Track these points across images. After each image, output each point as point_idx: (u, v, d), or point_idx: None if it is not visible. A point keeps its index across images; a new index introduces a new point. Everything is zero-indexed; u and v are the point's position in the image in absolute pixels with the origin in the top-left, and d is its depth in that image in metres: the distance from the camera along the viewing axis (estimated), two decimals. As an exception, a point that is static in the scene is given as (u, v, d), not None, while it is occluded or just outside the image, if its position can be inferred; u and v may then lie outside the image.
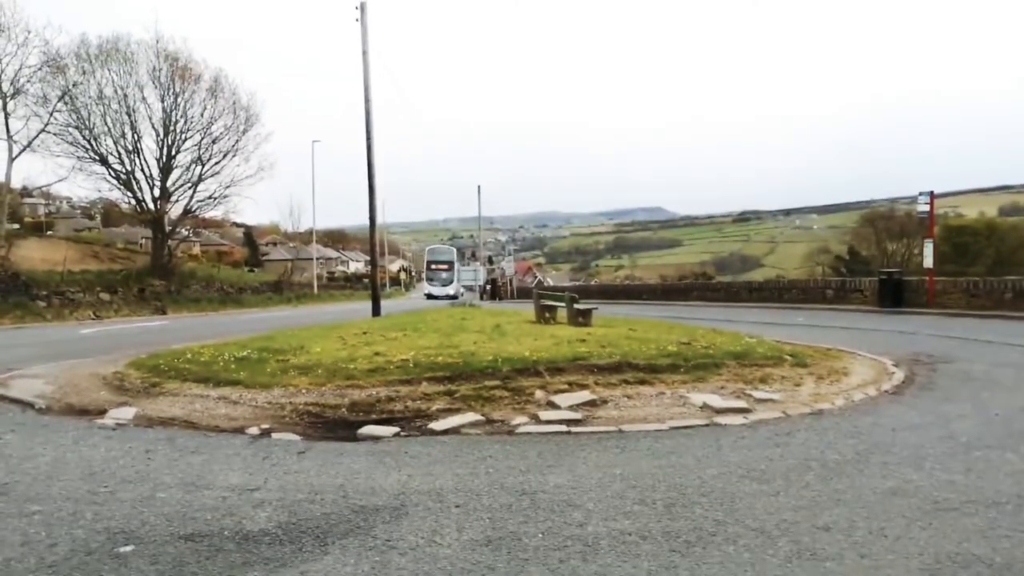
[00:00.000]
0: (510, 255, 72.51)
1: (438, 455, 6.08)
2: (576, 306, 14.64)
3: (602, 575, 3.62)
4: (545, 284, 68.23)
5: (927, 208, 21.74)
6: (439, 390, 8.09)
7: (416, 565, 3.80)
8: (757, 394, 8.31)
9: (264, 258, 78.95)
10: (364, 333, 12.32)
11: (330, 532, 4.29)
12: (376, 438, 6.77)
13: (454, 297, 47.77)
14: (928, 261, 21.68)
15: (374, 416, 7.48)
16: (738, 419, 7.31)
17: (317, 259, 70.70)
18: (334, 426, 7.29)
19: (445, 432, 6.93)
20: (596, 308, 16.11)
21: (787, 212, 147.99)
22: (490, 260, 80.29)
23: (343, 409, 7.72)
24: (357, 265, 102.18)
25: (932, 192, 21.78)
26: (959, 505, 4.57)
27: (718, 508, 4.60)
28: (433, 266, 58.85)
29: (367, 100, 22.16)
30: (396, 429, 7.02)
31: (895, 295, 21.61)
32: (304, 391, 8.29)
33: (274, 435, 6.97)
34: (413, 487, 5.16)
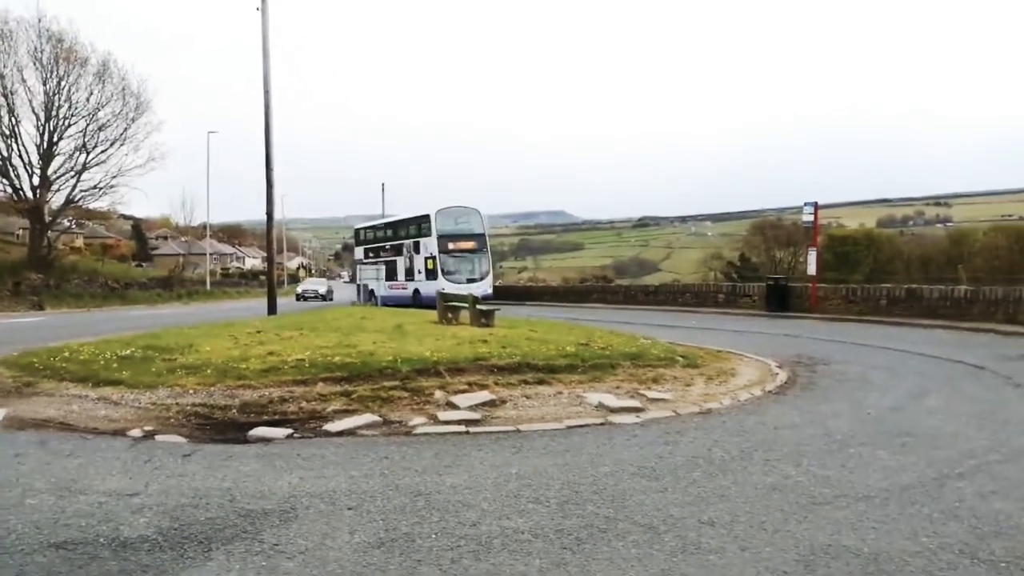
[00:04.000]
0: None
1: (332, 457, 5.96)
2: (479, 307, 14.67)
3: (494, 574, 3.64)
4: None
5: (811, 218, 22.95)
6: (335, 391, 7.93)
7: (305, 569, 3.71)
8: (650, 394, 8.55)
9: (154, 252, 75.42)
10: (258, 332, 11.94)
11: (214, 538, 4.13)
12: (267, 440, 6.57)
13: (490, 297, 28.46)
14: (811, 268, 22.90)
15: (266, 417, 7.26)
16: (631, 418, 7.50)
17: (211, 254, 68.16)
18: (223, 428, 7.03)
19: (340, 433, 6.80)
20: (499, 309, 16.20)
21: (683, 219, 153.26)
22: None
23: (233, 410, 7.46)
24: (254, 262, 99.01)
25: (816, 203, 23.00)
26: (833, 499, 4.84)
27: (609, 505, 4.71)
28: (451, 245, 31.60)
29: (266, 92, 21.52)
30: (289, 431, 6.84)
31: (781, 300, 22.73)
32: (192, 391, 7.96)
33: (158, 437, 6.67)
34: (305, 490, 5.03)
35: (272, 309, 21.85)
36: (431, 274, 31.19)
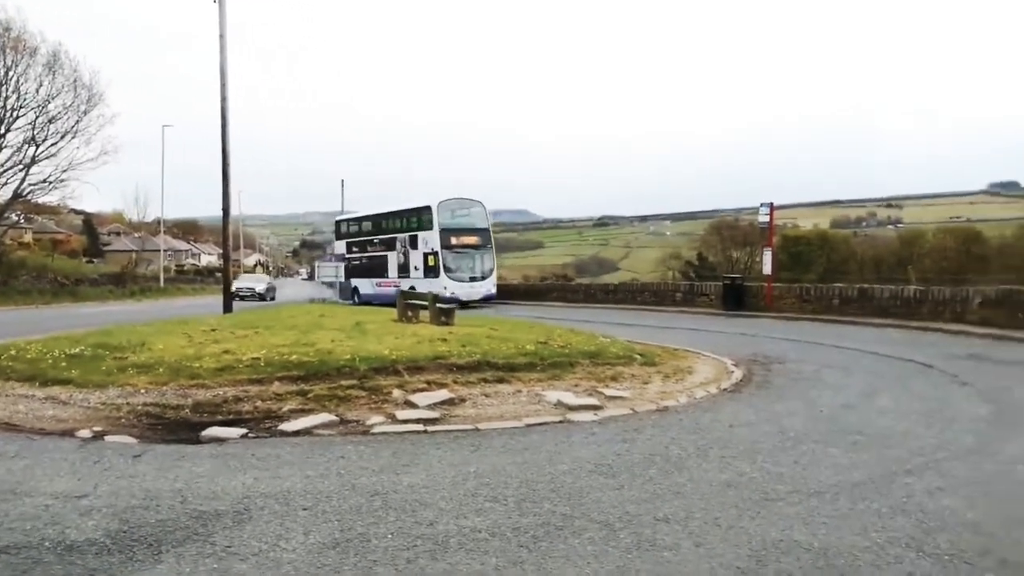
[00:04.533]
0: None
1: (288, 457, 5.88)
2: (439, 305, 14.61)
3: (450, 573, 3.63)
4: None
5: (767, 218, 23.33)
6: (292, 390, 7.83)
7: (258, 571, 3.65)
8: (608, 392, 8.61)
9: (106, 248, 73.55)
10: (213, 330, 11.73)
11: (165, 540, 4.05)
12: (221, 440, 6.46)
13: (493, 298, 29.58)
14: (767, 268, 23.28)
15: (220, 417, 7.14)
16: (590, 416, 7.54)
17: (165, 251, 66.68)
18: (175, 428, 6.89)
19: (296, 433, 6.72)
20: (459, 307, 16.16)
21: (643, 218, 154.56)
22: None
23: (186, 410, 7.32)
24: (210, 258, 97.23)
25: (772, 204, 23.36)
26: (785, 495, 4.92)
27: (566, 503, 4.72)
28: (454, 240, 29.01)
29: (223, 86, 21.14)
30: (244, 430, 6.73)
31: (737, 299, 23.06)
32: (143, 391, 7.79)
33: (108, 438, 6.51)
34: (259, 490, 4.96)
35: (228, 307, 21.48)
36: (431, 271, 28.60)
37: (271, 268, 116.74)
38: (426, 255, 29.23)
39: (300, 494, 4.87)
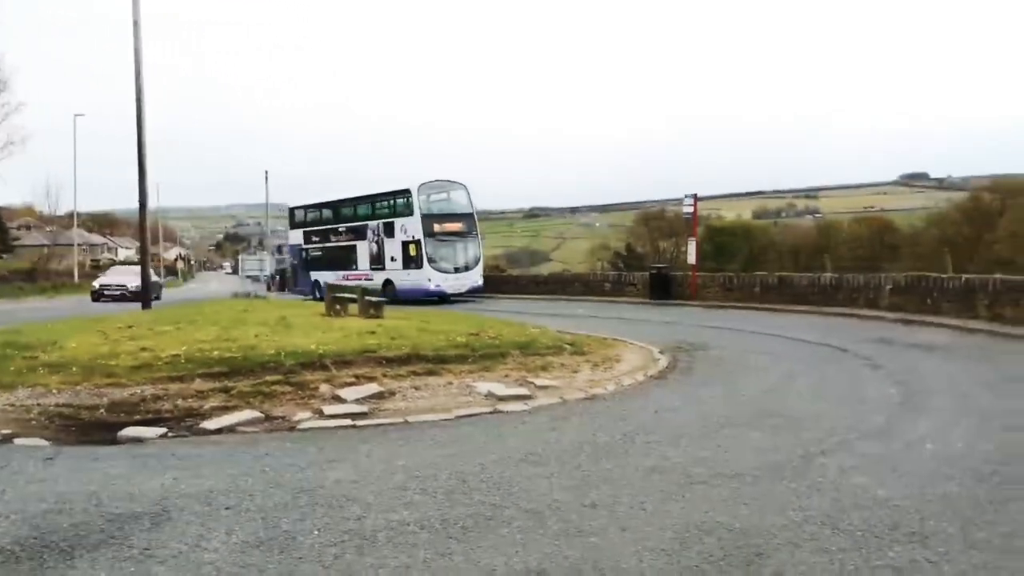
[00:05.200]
0: None
1: (210, 456, 5.73)
2: (368, 298, 14.44)
3: (378, 567, 3.59)
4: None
5: (691, 209, 23.88)
6: (214, 387, 7.62)
7: (177, 573, 3.54)
8: (538, 381, 8.68)
9: (15, 243, 69.93)
10: (130, 327, 11.30)
11: (78, 545, 3.88)
12: (139, 440, 6.24)
13: (480, 290, 27.28)
14: (691, 258, 23.84)
15: (138, 417, 6.90)
16: (520, 406, 7.59)
17: (79, 245, 63.86)
18: (90, 429, 6.63)
19: (219, 431, 6.55)
20: (386, 300, 16.01)
21: (572, 210, 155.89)
22: (279, 249, 76.43)
23: (101, 410, 7.05)
24: (128, 252, 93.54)
25: (695, 195, 23.92)
26: (708, 479, 5.06)
27: (496, 493, 4.74)
28: (437, 227, 26.06)
29: (138, 75, 20.33)
30: (163, 430, 6.53)
31: (664, 288, 23.54)
32: (56, 391, 7.46)
33: (17, 441, 6.22)
34: (179, 491, 4.80)
35: (146, 303, 20.74)
36: (413, 262, 25.82)
37: (192, 262, 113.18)
38: (406, 244, 26.28)
39: (223, 493, 4.75)
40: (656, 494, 4.71)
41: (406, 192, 26.59)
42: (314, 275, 30.42)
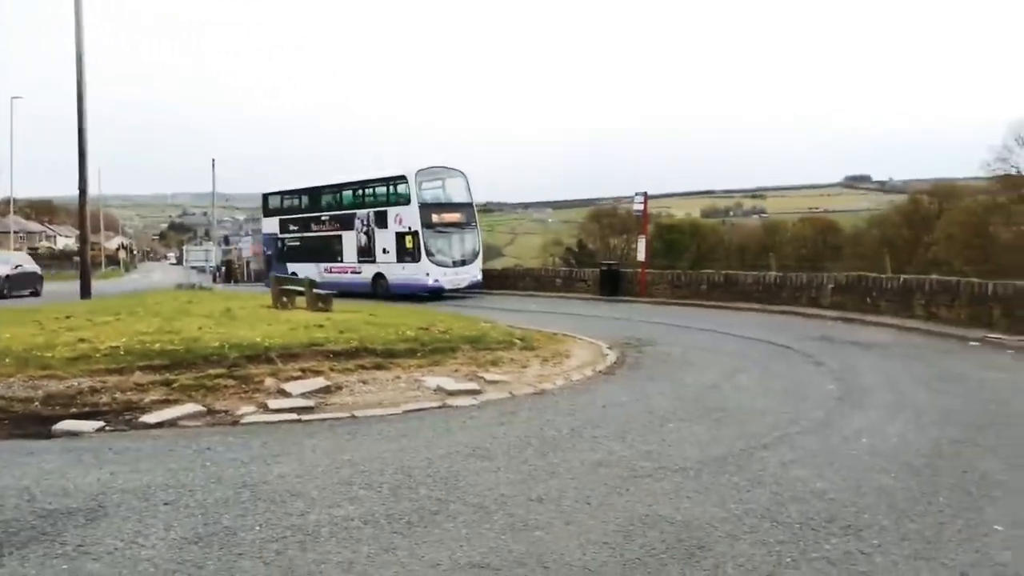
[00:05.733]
0: (248, 235, 64.59)
1: (149, 450, 5.59)
2: (316, 290, 14.26)
3: (320, 563, 3.55)
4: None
5: (641, 207, 24.11)
6: (155, 380, 7.43)
7: (112, 570, 3.45)
8: (488, 376, 8.67)
9: (-55, 230, 67.18)
10: (68, 317, 10.94)
11: (7, 542, 3.75)
12: (75, 434, 6.05)
13: (479, 285, 25.45)
14: (641, 255, 24.06)
15: (74, 410, 6.69)
16: (469, 400, 7.58)
17: (16, 233, 61.69)
18: (23, 422, 6.40)
19: (159, 425, 6.39)
20: (337, 293, 15.83)
21: (526, 205, 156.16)
22: (226, 240, 74.95)
23: (36, 403, 6.80)
24: (67, 241, 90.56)
25: (646, 193, 24.14)
26: (652, 472, 5.12)
27: (442, 487, 4.73)
28: (435, 217, 24.22)
29: (79, 58, 19.72)
30: (100, 423, 6.34)
31: (614, 285, 23.73)
32: (-14, 383, 7.17)
33: (-58, 435, 5.97)
34: (116, 486, 4.68)
35: (86, 292, 20.14)
36: (408, 255, 23.75)
37: (135, 252, 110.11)
38: (400, 236, 24.11)
39: (161, 488, 4.64)
40: (601, 488, 4.75)
41: (401, 179, 24.44)
42: (292, 267, 27.96)
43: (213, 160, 53.65)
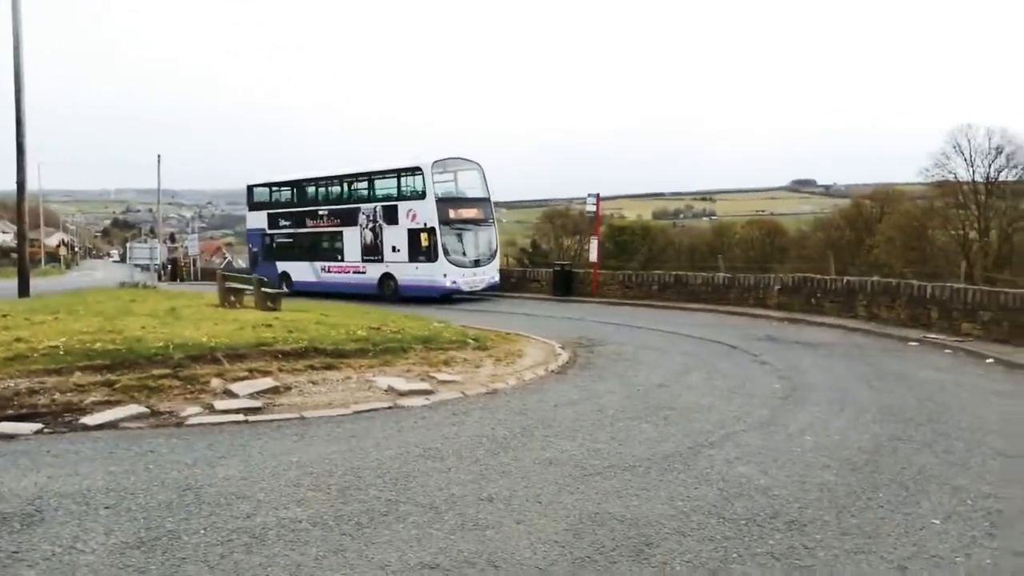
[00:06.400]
0: (195, 232, 63.24)
1: (89, 453, 5.43)
2: (265, 289, 14.02)
3: (267, 566, 3.50)
4: (236, 265, 64.21)
5: (594, 208, 24.31)
6: (96, 380, 7.22)
7: (49, 577, 3.34)
8: (440, 376, 8.64)
9: None
10: (4, 316, 10.55)
11: (-64, 550, 3.60)
12: (10, 436, 5.85)
13: (496, 287, 23.49)
14: (593, 256, 24.27)
15: (11, 412, 6.47)
16: (421, 400, 7.54)
17: (-52, 228, 59.29)
18: (-45, 425, 6.15)
19: (100, 427, 6.21)
20: (286, 292, 15.61)
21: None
22: (172, 237, 73.27)
23: (-32, 405, 6.55)
24: (4, 237, 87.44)
25: (598, 195, 24.34)
26: (602, 470, 5.17)
27: (392, 488, 4.70)
28: (452, 213, 22.08)
29: (16, 47, 19.06)
30: (38, 426, 6.14)
31: (566, 285, 23.87)
32: (-86, 385, 6.88)
33: None
34: (53, 489, 4.53)
35: (24, 290, 19.45)
36: (423, 254, 21.52)
37: (77, 249, 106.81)
38: (414, 233, 21.85)
39: (102, 492, 4.51)
40: (552, 486, 4.78)
41: (416, 170, 22.18)
42: (281, 266, 25.90)
43: (159, 156, 52.04)
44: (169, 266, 49.13)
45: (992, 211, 37.42)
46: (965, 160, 37.99)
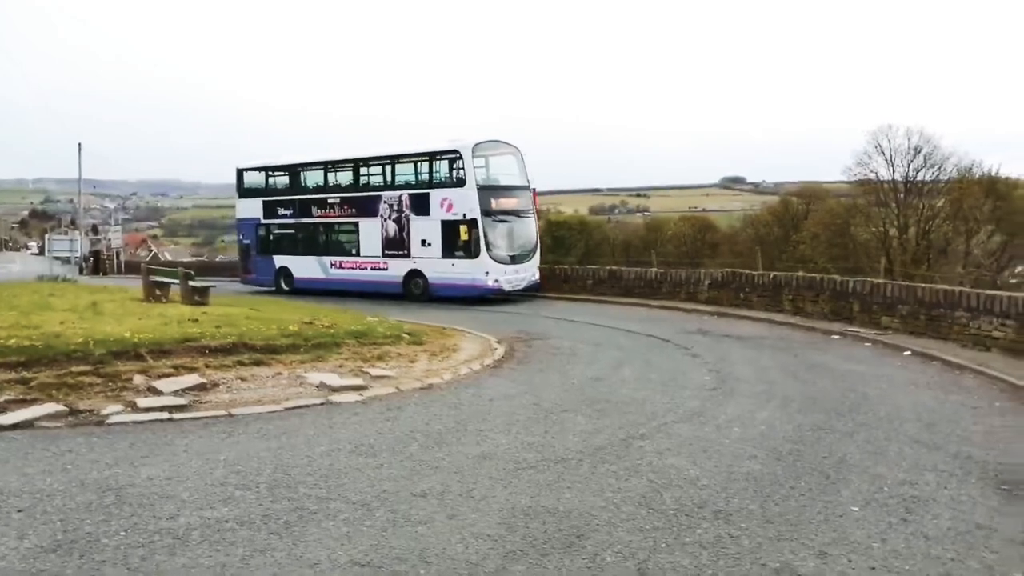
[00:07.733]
0: (119, 224, 60.94)
1: (2, 454, 5.19)
2: (192, 283, 13.62)
3: (190, 568, 3.40)
4: (162, 259, 62.14)
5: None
6: (10, 378, 6.92)
7: (-46, 586, 3.18)
8: (374, 371, 8.55)
9: None
10: (-91, 311, 10.01)
11: None
12: (-86, 438, 5.54)
13: (537, 286, 20.96)
14: (532, 250, 24.44)
15: (-86, 412, 6.12)
16: (354, 396, 7.45)
17: None
18: None
19: (15, 427, 5.95)
20: (215, 286, 15.20)
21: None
22: (95, 229, 70.45)
23: None
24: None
25: (535, 189, 24.37)
26: (536, 464, 5.20)
27: (323, 485, 4.63)
28: (494, 203, 19.24)
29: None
30: (-55, 426, 5.83)
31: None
32: None
33: None
34: (-39, 494, 4.32)
35: (-68, 284, 18.45)
36: (461, 249, 18.91)
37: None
38: (451, 225, 19.13)
39: (15, 494, 4.32)
40: (485, 480, 4.78)
41: (453, 154, 19.57)
42: (280, 260, 23.18)
43: (79, 144, 49.50)
44: (91, 259, 47.27)
45: (911, 209, 38.98)
46: (886, 160, 39.42)
